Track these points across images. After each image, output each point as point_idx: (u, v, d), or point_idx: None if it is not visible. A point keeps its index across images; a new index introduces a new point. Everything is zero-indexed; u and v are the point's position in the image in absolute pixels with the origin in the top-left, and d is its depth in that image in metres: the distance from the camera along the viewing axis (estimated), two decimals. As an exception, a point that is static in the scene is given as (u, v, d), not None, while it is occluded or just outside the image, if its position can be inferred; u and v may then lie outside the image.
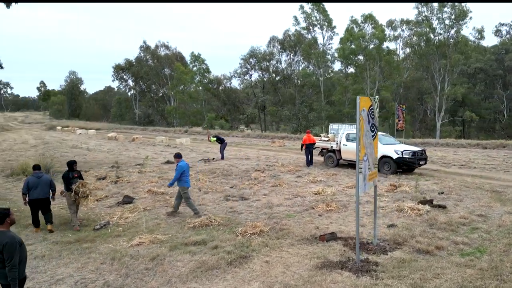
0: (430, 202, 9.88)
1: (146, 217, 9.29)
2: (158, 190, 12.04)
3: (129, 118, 71.63)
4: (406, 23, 47.33)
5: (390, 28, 49.31)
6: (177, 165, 9.39)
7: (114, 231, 8.21)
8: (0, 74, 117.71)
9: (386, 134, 18.38)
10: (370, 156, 6.62)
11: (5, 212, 4.42)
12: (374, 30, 44.20)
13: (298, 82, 55.46)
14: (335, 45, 60.28)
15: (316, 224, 8.51)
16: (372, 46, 44.14)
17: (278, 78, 59.81)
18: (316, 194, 11.47)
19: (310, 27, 50.28)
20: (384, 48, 45.20)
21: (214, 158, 20.20)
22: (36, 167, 8.48)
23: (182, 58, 67.87)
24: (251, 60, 57.91)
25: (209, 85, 61.53)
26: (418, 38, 44.00)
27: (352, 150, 15.23)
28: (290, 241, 7.42)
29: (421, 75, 48.32)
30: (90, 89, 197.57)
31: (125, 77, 73.14)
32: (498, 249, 6.82)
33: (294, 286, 5.51)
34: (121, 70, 71.54)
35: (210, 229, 8.27)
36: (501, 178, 14.02)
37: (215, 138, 20.93)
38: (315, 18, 49.22)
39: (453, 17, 40.79)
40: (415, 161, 14.75)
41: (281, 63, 58.88)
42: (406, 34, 49.07)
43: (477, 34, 42.17)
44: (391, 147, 15.16)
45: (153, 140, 33.65)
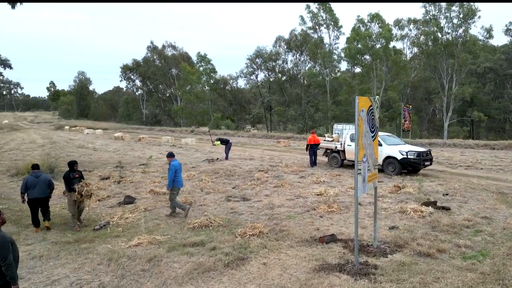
0: (433, 203, 9.72)
1: (146, 217, 9.28)
2: (160, 191, 12.04)
3: (136, 118, 72.04)
4: (414, 22, 46.80)
5: (397, 27, 48.89)
6: (169, 164, 9.38)
7: (113, 232, 8.20)
8: (11, 75, 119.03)
9: (391, 134, 18.18)
10: (370, 157, 6.51)
11: None
12: (381, 29, 43.84)
13: (304, 82, 55.21)
14: (342, 44, 60.11)
15: (316, 225, 8.41)
16: (378, 45, 43.80)
17: (284, 78, 59.61)
18: (318, 195, 11.36)
19: (317, 27, 50.08)
20: (391, 47, 44.83)
21: (218, 158, 20.18)
22: (34, 167, 8.52)
23: (188, 58, 68.08)
24: (257, 60, 57.77)
25: (215, 85, 61.62)
26: (426, 38, 43.51)
27: (356, 151, 15.07)
28: (289, 242, 7.34)
29: (428, 75, 47.79)
30: (100, 89, 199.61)
31: (132, 77, 73.70)
32: (502, 252, 6.66)
33: (290, 289, 5.43)
34: (128, 70, 72.01)
35: (209, 230, 8.23)
36: (508, 180, 13.77)
37: (219, 142, 20.77)
38: (322, 18, 49.02)
39: (461, 16, 40.28)
40: (420, 162, 14.55)
41: (287, 63, 58.73)
42: (413, 33, 48.61)
43: (485, 33, 41.56)
44: (396, 148, 14.99)
45: (159, 140, 33.77)
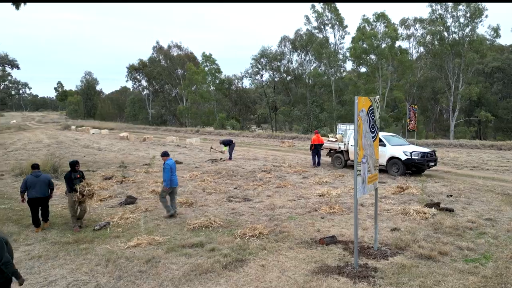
0: (437, 205, 9.59)
1: (147, 217, 9.25)
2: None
3: (142, 118, 72.30)
4: (420, 22, 46.43)
5: (403, 27, 48.55)
6: (164, 163, 9.35)
7: (113, 232, 8.18)
8: (19, 75, 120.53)
9: (395, 134, 18.01)
10: (370, 158, 6.42)
11: None
12: (386, 29, 43.57)
13: (309, 82, 55.01)
14: (347, 44, 59.76)
15: (317, 226, 8.33)
16: (384, 45, 43.52)
17: (289, 78, 59.47)
18: (320, 196, 11.28)
19: (322, 27, 49.99)
20: (396, 47, 44.51)
21: (221, 158, 20.14)
22: (34, 166, 8.53)
23: (194, 58, 68.23)
24: (262, 60, 57.65)
25: (220, 85, 61.64)
26: (432, 37, 43.13)
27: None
28: (289, 244, 7.27)
29: (435, 75, 47.36)
30: (108, 89, 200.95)
31: (138, 77, 74.01)
32: (505, 255, 6.54)
33: (287, 291, 5.37)
34: (134, 71, 72.34)
35: (209, 230, 8.18)
36: (514, 181, 13.58)
37: (224, 146, 20.57)
38: (327, 18, 48.93)
39: (468, 15, 39.87)
40: (425, 162, 14.38)
41: (292, 63, 58.59)
42: (419, 33, 48.19)
43: (492, 33, 41.07)
44: (400, 148, 14.84)
45: (163, 140, 33.84)
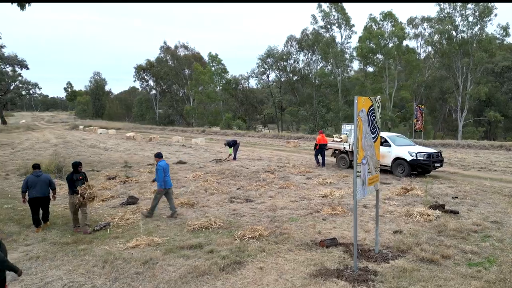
0: (441, 207, 9.42)
1: (147, 218, 9.21)
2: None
3: (150, 118, 72.61)
4: (427, 21, 45.86)
5: (410, 26, 48.01)
6: (156, 164, 9.30)
7: (112, 233, 8.15)
8: (30, 75, 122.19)
9: (401, 135, 17.79)
10: (370, 159, 6.30)
11: None
12: (393, 28, 43.14)
13: (316, 81, 54.73)
14: (354, 44, 59.29)
15: (318, 228, 8.22)
16: (391, 44, 43.11)
17: (296, 78, 59.23)
18: (323, 197, 11.16)
19: (328, 26, 49.68)
20: (404, 46, 44.05)
21: (226, 159, 20.09)
22: (35, 166, 8.54)
23: (200, 58, 68.31)
24: (269, 60, 57.49)
25: (227, 85, 61.63)
26: (440, 36, 42.58)
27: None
28: (288, 246, 7.16)
29: (443, 74, 46.78)
30: (116, 89, 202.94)
31: (146, 77, 74.28)
32: (510, 259, 6.37)
33: (284, 295, 5.27)
34: (142, 71, 72.62)
35: (209, 232, 8.11)
36: (522, 182, 13.31)
37: (229, 148, 20.37)
38: (333, 17, 48.61)
39: (477, 14, 39.30)
40: (430, 163, 14.16)
41: (298, 63, 58.31)
42: (427, 32, 47.62)
43: (502, 32, 40.40)
44: (405, 149, 14.64)
45: (169, 140, 33.91)
